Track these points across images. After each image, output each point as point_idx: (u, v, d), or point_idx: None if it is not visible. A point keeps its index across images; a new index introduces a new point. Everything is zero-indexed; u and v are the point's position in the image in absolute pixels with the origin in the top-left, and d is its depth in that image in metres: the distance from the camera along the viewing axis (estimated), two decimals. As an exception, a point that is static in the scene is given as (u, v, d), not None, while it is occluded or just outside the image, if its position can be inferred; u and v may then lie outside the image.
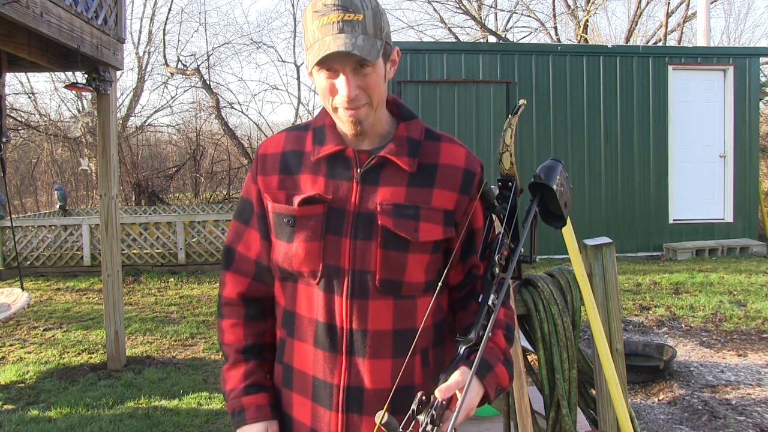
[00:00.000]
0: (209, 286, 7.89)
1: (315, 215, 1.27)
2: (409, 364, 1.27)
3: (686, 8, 15.98)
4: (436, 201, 1.28)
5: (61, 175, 16.37)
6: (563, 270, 2.54)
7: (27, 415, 3.90)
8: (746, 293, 6.54)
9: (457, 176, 1.31)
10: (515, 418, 2.44)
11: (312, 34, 1.19)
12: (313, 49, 1.18)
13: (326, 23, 1.17)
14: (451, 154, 1.33)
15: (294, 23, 23.24)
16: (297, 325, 1.31)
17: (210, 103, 17.20)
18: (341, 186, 1.27)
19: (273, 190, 1.32)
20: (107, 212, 4.80)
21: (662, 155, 9.31)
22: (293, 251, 1.28)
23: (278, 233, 1.31)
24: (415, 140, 1.31)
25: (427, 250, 1.28)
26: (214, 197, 16.87)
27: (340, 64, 1.19)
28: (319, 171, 1.29)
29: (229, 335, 1.38)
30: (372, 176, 1.27)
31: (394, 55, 1.30)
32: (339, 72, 1.20)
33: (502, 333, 1.32)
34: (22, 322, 6.20)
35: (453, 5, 18.06)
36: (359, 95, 1.21)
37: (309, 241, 1.27)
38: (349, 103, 1.21)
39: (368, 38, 1.18)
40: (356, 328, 1.25)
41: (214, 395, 4.17)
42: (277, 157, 1.35)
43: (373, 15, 1.20)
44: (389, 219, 1.24)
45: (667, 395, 4.02)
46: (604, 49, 9.85)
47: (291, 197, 1.29)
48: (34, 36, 3.95)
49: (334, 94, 1.22)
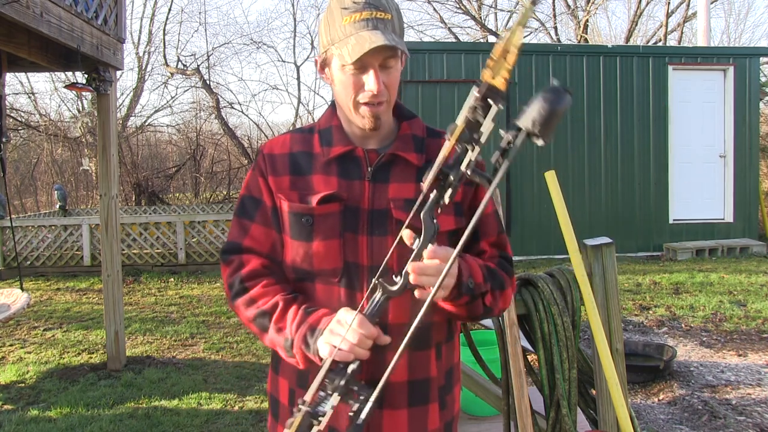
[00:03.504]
0: (209, 286, 7.89)
1: (333, 213, 1.29)
2: (424, 357, 1.31)
3: (686, 8, 15.98)
4: None
5: (61, 175, 16.37)
6: (563, 270, 2.54)
7: (27, 415, 3.90)
8: (746, 293, 6.54)
9: None
10: (515, 418, 2.44)
11: (341, 29, 1.22)
12: (349, 44, 1.21)
13: (359, 20, 1.21)
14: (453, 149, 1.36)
15: (294, 23, 23.29)
16: None
17: (210, 103, 17.20)
18: (354, 185, 1.30)
19: (286, 191, 1.33)
20: (107, 212, 4.79)
21: (662, 155, 9.31)
22: (313, 250, 1.29)
23: (295, 233, 1.31)
24: (419, 137, 1.35)
25: (442, 241, 1.28)
26: (214, 197, 16.87)
27: (371, 60, 1.22)
28: (330, 171, 1.31)
29: (265, 297, 1.29)
30: (382, 174, 1.31)
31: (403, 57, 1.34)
32: (368, 68, 1.23)
33: None
34: (22, 322, 6.20)
35: (453, 5, 18.07)
36: (383, 91, 1.25)
37: (328, 239, 1.28)
38: (374, 98, 1.25)
39: (397, 36, 1.23)
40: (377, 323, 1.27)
41: (214, 395, 4.17)
42: (285, 157, 1.35)
43: (398, 16, 1.26)
44: (403, 213, 1.26)
45: (667, 395, 4.02)
46: (604, 49, 9.85)
47: (305, 197, 1.30)
48: (34, 36, 3.95)
49: (359, 89, 1.25)
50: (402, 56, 1.30)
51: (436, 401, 1.34)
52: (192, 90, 18.13)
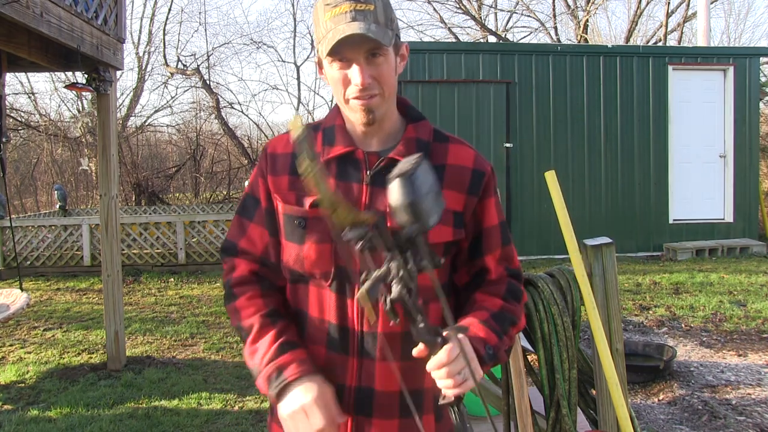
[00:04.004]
0: (209, 286, 7.89)
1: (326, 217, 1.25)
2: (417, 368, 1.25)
3: (686, 8, 15.98)
4: (446, 202, 1.25)
5: (61, 175, 16.37)
6: (563, 270, 2.54)
7: (27, 415, 3.90)
8: (746, 293, 6.54)
9: (466, 177, 1.30)
10: (515, 418, 2.44)
11: (324, 25, 1.21)
12: (326, 39, 1.19)
13: (338, 14, 1.19)
14: (460, 155, 1.32)
15: (294, 23, 23.28)
16: (309, 328, 1.29)
17: (210, 103, 17.20)
18: (351, 188, 1.27)
19: (283, 191, 1.31)
20: (107, 212, 4.79)
21: (662, 155, 9.31)
22: (305, 253, 1.27)
23: (289, 235, 1.30)
24: (423, 141, 1.30)
25: (438, 252, 1.26)
26: (214, 197, 16.88)
27: (353, 53, 1.20)
28: (329, 172, 1.27)
29: (246, 310, 1.31)
30: (381, 178, 1.25)
31: (403, 50, 1.30)
32: (352, 61, 1.21)
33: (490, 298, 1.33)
34: (22, 322, 6.20)
35: (453, 5, 18.06)
36: (372, 84, 1.21)
37: (320, 242, 1.25)
38: (362, 92, 1.21)
39: (380, 26, 1.19)
40: (367, 331, 1.25)
41: (214, 395, 4.17)
42: (287, 157, 1.33)
43: (384, 6, 1.22)
44: None
45: (667, 395, 4.02)
46: (604, 49, 9.85)
47: (301, 198, 1.28)
48: (34, 36, 3.95)
49: (347, 85, 1.23)
50: (397, 48, 1.26)
51: (431, 412, 1.32)
52: (192, 90, 18.16)
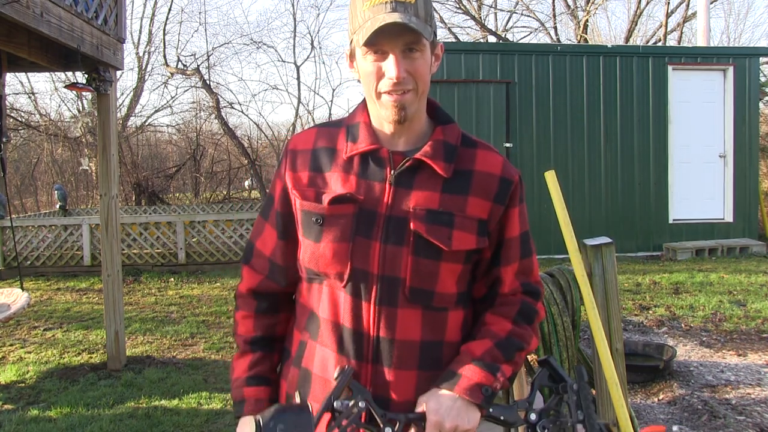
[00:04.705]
0: (209, 286, 7.89)
1: (345, 215, 1.22)
2: (436, 377, 1.22)
3: (686, 8, 15.97)
4: (471, 209, 1.23)
5: (61, 175, 16.37)
6: (563, 270, 2.54)
7: (27, 415, 3.90)
8: (746, 293, 6.54)
9: (493, 184, 1.26)
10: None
11: (362, 15, 1.17)
12: (363, 28, 1.16)
13: (378, 3, 1.15)
14: (488, 161, 1.28)
15: (294, 23, 23.27)
16: (322, 330, 1.25)
17: (210, 103, 17.17)
18: (373, 187, 1.23)
19: (302, 187, 1.27)
20: (107, 212, 4.79)
21: (662, 155, 9.31)
22: (320, 251, 1.23)
23: (306, 232, 1.26)
24: (451, 145, 1.26)
25: (459, 259, 1.23)
26: (214, 197, 16.88)
27: (390, 45, 1.16)
28: (350, 170, 1.24)
29: (240, 326, 1.37)
30: (406, 179, 1.22)
31: (438, 49, 1.26)
32: (388, 53, 1.17)
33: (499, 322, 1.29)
34: (22, 322, 6.20)
35: (453, 5, 18.04)
36: (407, 79, 1.17)
37: (337, 241, 1.22)
38: (396, 86, 1.17)
39: (420, 20, 1.16)
40: (383, 337, 1.21)
41: (214, 395, 4.17)
42: (307, 153, 1.30)
43: (425, 1, 1.19)
44: (422, 224, 1.20)
45: (667, 395, 4.02)
46: (604, 49, 9.85)
47: (321, 195, 1.24)
48: (34, 36, 3.95)
49: (380, 78, 1.18)
50: (434, 46, 1.23)
51: None
52: (192, 90, 18.13)
